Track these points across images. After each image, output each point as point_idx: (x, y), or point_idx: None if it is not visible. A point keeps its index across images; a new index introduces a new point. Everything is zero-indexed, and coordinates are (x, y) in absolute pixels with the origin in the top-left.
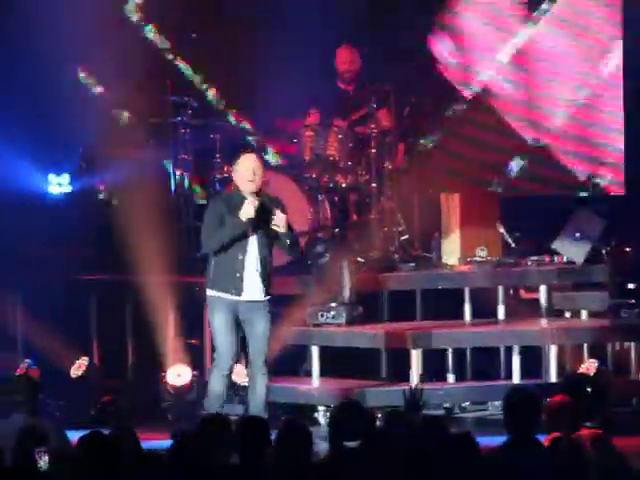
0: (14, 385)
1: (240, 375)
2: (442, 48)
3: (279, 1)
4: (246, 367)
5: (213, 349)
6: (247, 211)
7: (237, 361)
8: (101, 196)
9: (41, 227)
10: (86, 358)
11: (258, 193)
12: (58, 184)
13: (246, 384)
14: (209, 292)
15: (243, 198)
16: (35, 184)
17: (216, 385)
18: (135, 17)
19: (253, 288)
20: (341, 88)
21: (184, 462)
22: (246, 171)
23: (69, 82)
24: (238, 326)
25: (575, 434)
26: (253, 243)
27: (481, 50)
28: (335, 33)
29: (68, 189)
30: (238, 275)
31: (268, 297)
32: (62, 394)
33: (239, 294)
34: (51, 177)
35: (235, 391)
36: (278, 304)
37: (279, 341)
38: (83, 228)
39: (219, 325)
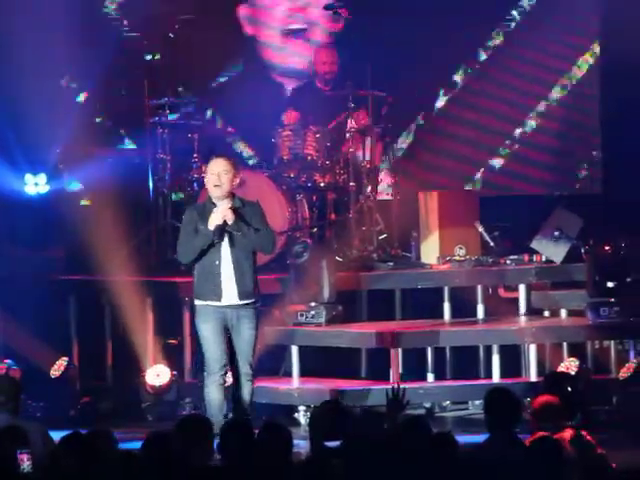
0: None
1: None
2: None
3: None
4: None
5: (194, 351)
6: (213, 219)
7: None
8: (78, 196)
9: (18, 227)
10: (65, 359)
11: (232, 196)
12: (35, 184)
13: None
14: (196, 302)
15: (214, 206)
16: (11, 184)
17: (213, 395)
18: (112, 13)
19: (231, 292)
20: (319, 88)
21: (157, 461)
22: (212, 176)
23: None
24: (226, 332)
25: (559, 434)
26: (226, 248)
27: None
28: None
29: (45, 189)
30: (216, 281)
31: (251, 300)
32: (42, 395)
33: (219, 299)
34: (28, 177)
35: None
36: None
37: (259, 341)
38: (60, 228)
39: (207, 334)
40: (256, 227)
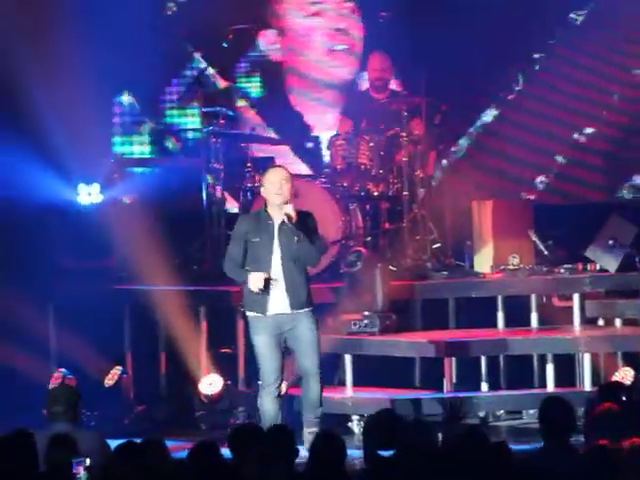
0: (54, 395)
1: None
2: None
3: None
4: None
5: (247, 359)
6: (255, 283)
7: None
8: (130, 205)
9: (72, 237)
10: (119, 368)
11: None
12: (88, 194)
13: None
14: (247, 313)
15: (269, 217)
16: (65, 194)
17: (267, 406)
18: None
19: (283, 304)
20: (373, 96)
21: (207, 471)
22: (272, 185)
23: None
24: (281, 342)
25: (620, 443)
26: (277, 259)
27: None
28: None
29: (98, 199)
30: (265, 292)
31: (305, 310)
32: (96, 404)
33: (269, 311)
34: (81, 187)
35: None
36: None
37: None
38: (114, 238)
39: (259, 346)
40: (308, 238)
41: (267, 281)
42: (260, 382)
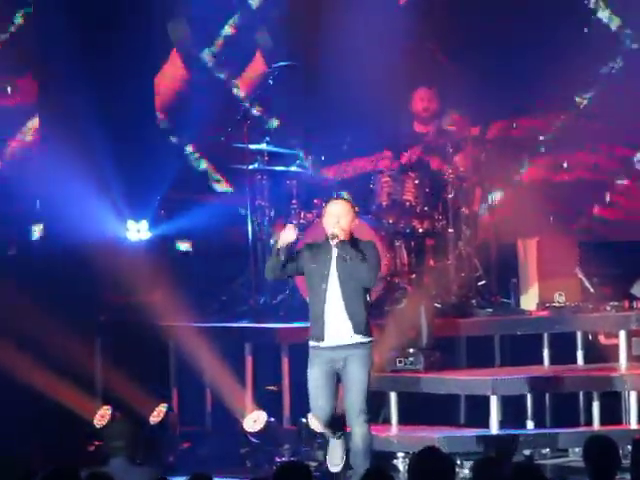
0: (114, 430)
1: (314, 423)
2: None
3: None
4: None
5: (292, 395)
6: (286, 236)
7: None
8: (179, 243)
9: (120, 273)
10: (165, 405)
11: (351, 236)
12: (137, 230)
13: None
14: (309, 343)
15: (328, 245)
16: (114, 230)
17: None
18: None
19: (340, 332)
20: (417, 131)
21: None
22: (331, 217)
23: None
24: (334, 377)
25: None
26: (334, 288)
27: None
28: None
29: (146, 235)
30: (322, 321)
31: (361, 339)
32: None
33: (324, 340)
34: (130, 223)
35: (313, 437)
36: None
37: None
38: (160, 274)
39: (311, 378)
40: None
41: (320, 314)
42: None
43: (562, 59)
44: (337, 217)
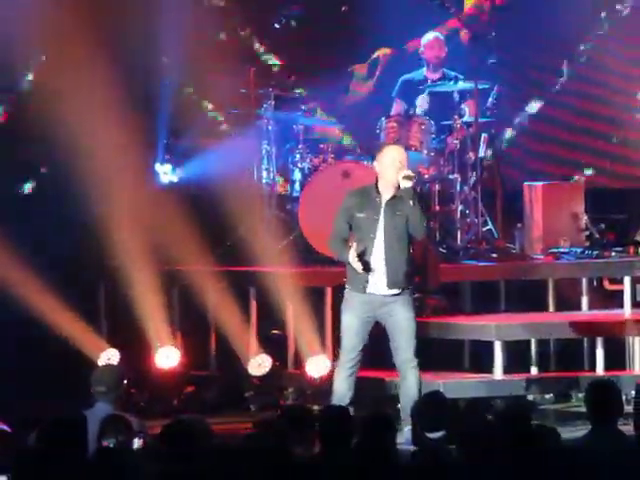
0: (97, 375)
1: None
2: None
3: None
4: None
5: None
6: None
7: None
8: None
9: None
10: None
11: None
12: (164, 173)
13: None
14: (346, 287)
15: (378, 193)
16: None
17: (337, 384)
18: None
19: (380, 283)
20: (427, 77)
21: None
22: (395, 161)
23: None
24: (370, 324)
25: None
26: (380, 237)
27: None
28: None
29: (174, 178)
30: (366, 268)
31: (400, 291)
32: (146, 385)
33: (365, 290)
34: (158, 167)
35: None
36: None
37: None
38: (167, 219)
39: (346, 323)
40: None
41: (366, 264)
42: (339, 360)
43: None
44: (400, 161)
